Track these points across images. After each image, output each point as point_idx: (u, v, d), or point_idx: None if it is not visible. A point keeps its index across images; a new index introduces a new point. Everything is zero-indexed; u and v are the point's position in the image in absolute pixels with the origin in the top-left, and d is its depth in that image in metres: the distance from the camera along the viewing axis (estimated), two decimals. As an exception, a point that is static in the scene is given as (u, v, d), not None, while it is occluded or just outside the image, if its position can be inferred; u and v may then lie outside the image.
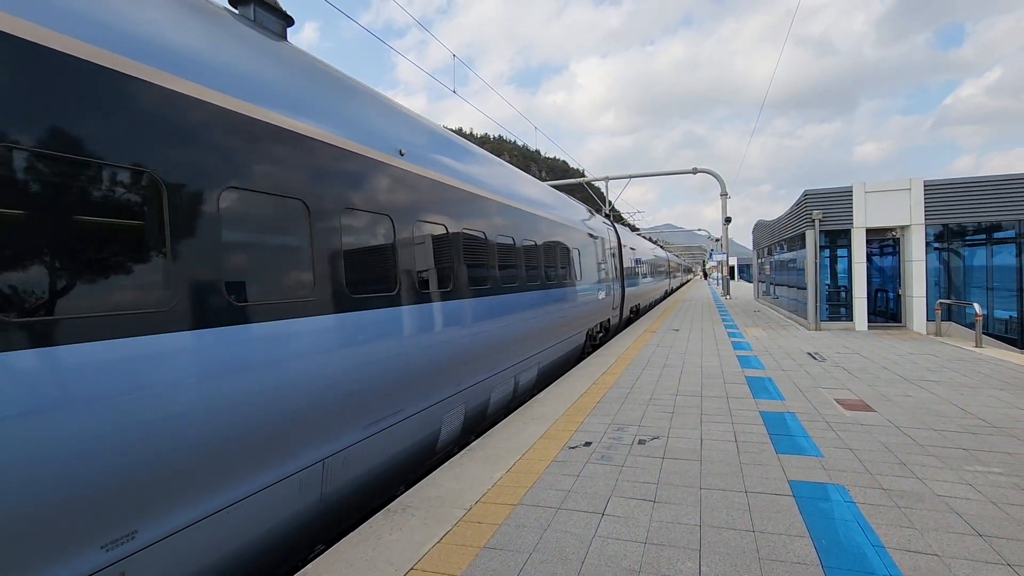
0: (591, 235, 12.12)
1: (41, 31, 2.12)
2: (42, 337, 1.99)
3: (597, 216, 14.66)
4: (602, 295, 12.43)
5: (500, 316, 6.33)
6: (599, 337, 12.70)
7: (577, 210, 12.20)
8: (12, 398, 1.91)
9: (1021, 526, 3.24)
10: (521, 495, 3.91)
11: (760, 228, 25.73)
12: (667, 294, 35.94)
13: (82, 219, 2.21)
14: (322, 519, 3.54)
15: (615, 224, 17.66)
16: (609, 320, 13.52)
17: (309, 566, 3.03)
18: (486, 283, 6.03)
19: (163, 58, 2.58)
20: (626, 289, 16.30)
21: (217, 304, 2.69)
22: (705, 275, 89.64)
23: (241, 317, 2.82)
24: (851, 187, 13.50)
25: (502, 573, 2.89)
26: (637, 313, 19.93)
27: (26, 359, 1.94)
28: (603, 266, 13.08)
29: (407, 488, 4.69)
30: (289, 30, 4.11)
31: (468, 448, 5.03)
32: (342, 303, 3.57)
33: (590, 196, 34.33)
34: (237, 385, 2.76)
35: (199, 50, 2.86)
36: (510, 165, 8.51)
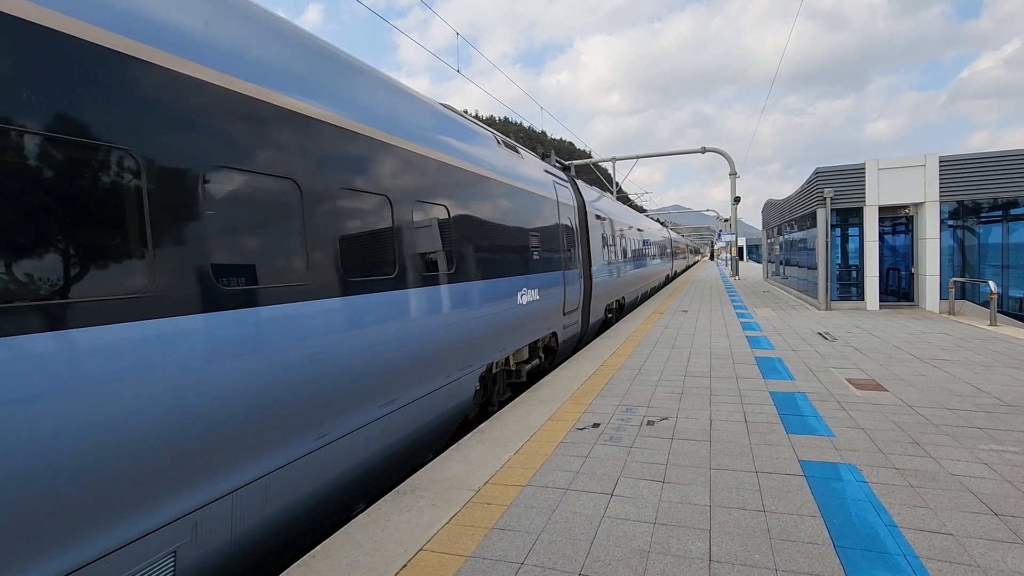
0: (508, 186, 6.66)
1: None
2: None
3: (532, 159, 8.42)
4: (533, 296, 6.98)
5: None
6: (529, 368, 7.25)
7: (475, 136, 6.29)
8: None
9: (1038, 505, 3.19)
10: (530, 476, 3.90)
11: (770, 207, 25.39)
12: (668, 279, 29.92)
13: None
14: None
15: (576, 181, 11.29)
16: (556, 335, 8.23)
17: (319, 547, 3.05)
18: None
19: None
20: (596, 280, 10.82)
21: None
22: (712, 256, 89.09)
23: None
24: (863, 164, 13.23)
25: (511, 554, 2.89)
26: (621, 311, 14.24)
27: None
28: (539, 244, 7.50)
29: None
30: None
31: (476, 431, 5.03)
32: None
33: (597, 178, 34.00)
34: None
35: None
36: None
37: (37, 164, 2.06)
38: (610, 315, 12.90)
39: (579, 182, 11.73)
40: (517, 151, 7.73)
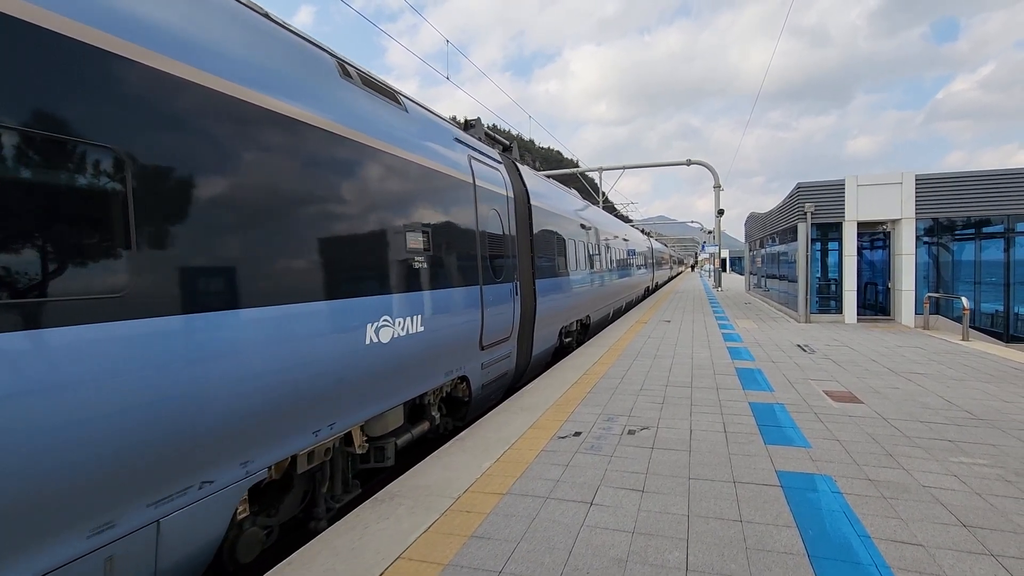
0: (344, 141, 3.81)
1: None
2: None
3: (428, 117, 5.61)
4: (409, 327, 4.38)
5: None
6: (405, 443, 4.79)
7: (254, 36, 3.36)
8: None
9: (1005, 517, 3.27)
10: (510, 485, 3.90)
11: (752, 221, 25.81)
12: (648, 292, 27.35)
13: None
14: None
15: (518, 164, 8.56)
16: (467, 380, 5.79)
17: (295, 554, 3.00)
18: None
19: None
20: (544, 297, 8.23)
21: None
22: (693, 267, 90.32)
23: None
24: (843, 180, 13.54)
25: (489, 562, 2.88)
26: (585, 332, 11.88)
27: None
28: (427, 244, 4.79)
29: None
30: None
31: (457, 438, 5.01)
32: None
33: (584, 187, 34.27)
34: None
35: None
36: None
37: None
38: (568, 339, 10.34)
39: (525, 168, 8.79)
40: (395, 99, 4.88)
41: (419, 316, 4.55)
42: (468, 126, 7.54)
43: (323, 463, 3.89)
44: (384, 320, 4.06)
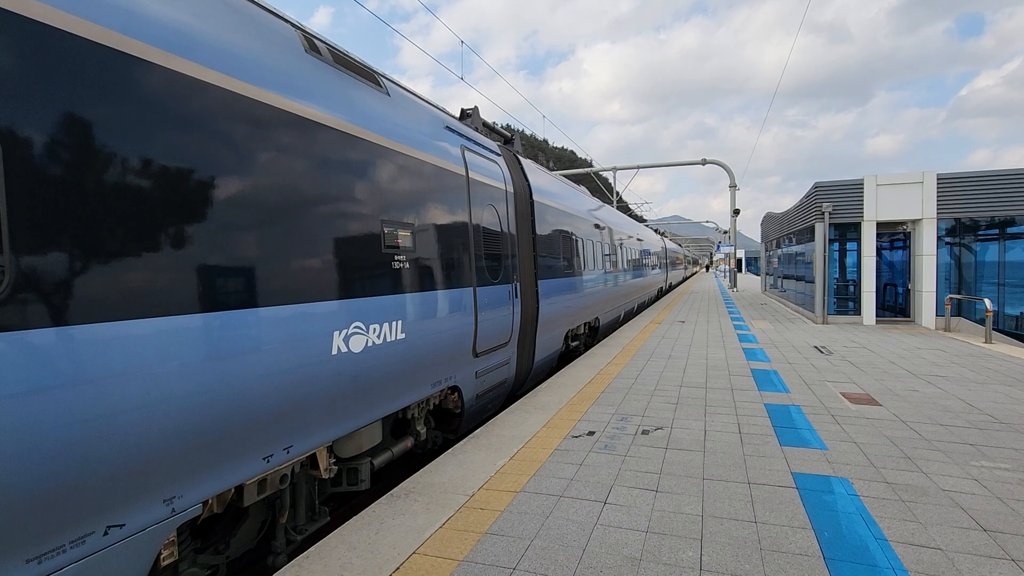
0: (283, 115, 3.16)
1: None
2: None
3: (412, 101, 5.05)
4: (387, 333, 3.91)
5: None
6: (383, 462, 4.33)
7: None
8: None
9: (1027, 522, 3.22)
10: (524, 483, 3.92)
11: (769, 221, 25.53)
12: (661, 293, 27.00)
13: None
14: None
15: (520, 158, 8.00)
16: (459, 391, 5.29)
17: (312, 548, 3.07)
18: None
19: None
20: (548, 299, 7.70)
21: None
22: (708, 267, 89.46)
23: None
24: (862, 180, 13.34)
25: (503, 559, 2.91)
26: (594, 334, 11.49)
27: None
28: (410, 243, 4.30)
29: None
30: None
31: (471, 436, 5.05)
32: None
33: (598, 187, 34.18)
34: None
35: None
36: None
37: None
38: (575, 342, 9.91)
39: (528, 161, 8.33)
40: (375, 81, 4.41)
41: (400, 321, 4.05)
42: (464, 115, 7.06)
43: (280, 491, 3.44)
44: (356, 327, 3.57)
